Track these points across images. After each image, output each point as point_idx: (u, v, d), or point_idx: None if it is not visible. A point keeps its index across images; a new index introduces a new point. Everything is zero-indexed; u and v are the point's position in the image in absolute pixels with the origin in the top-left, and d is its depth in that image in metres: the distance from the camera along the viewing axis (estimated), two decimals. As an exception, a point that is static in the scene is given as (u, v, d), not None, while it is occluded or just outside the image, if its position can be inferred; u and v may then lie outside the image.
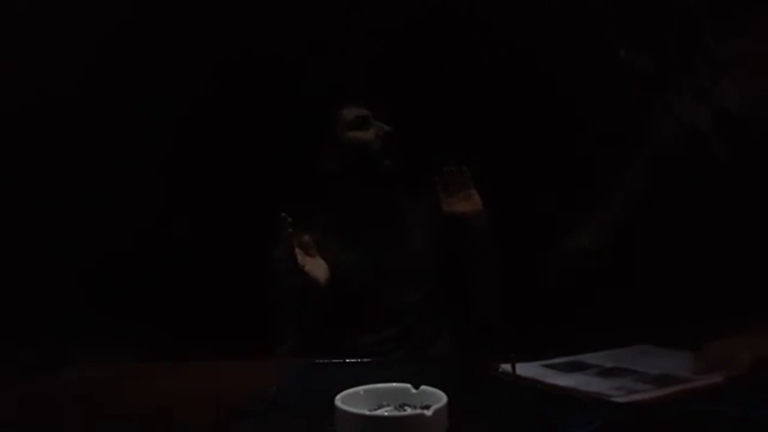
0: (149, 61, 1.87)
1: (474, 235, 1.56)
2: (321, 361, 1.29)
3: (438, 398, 0.76)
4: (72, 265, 1.81)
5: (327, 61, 1.88)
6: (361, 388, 0.81)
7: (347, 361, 1.29)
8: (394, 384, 0.82)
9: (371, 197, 1.60)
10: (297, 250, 1.39)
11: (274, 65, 1.90)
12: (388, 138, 1.56)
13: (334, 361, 1.29)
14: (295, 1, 1.90)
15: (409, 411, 0.78)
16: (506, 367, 1.09)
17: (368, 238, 1.60)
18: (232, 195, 1.94)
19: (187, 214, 1.93)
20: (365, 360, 1.30)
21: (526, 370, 1.12)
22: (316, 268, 1.45)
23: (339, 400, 0.77)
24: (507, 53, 1.91)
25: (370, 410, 0.78)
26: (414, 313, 1.59)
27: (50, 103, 1.79)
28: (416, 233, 1.64)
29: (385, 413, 0.78)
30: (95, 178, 1.87)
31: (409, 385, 0.81)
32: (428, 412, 0.73)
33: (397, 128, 1.58)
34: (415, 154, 1.62)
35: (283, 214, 1.36)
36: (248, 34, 1.90)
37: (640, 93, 1.54)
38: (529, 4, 1.88)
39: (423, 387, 0.80)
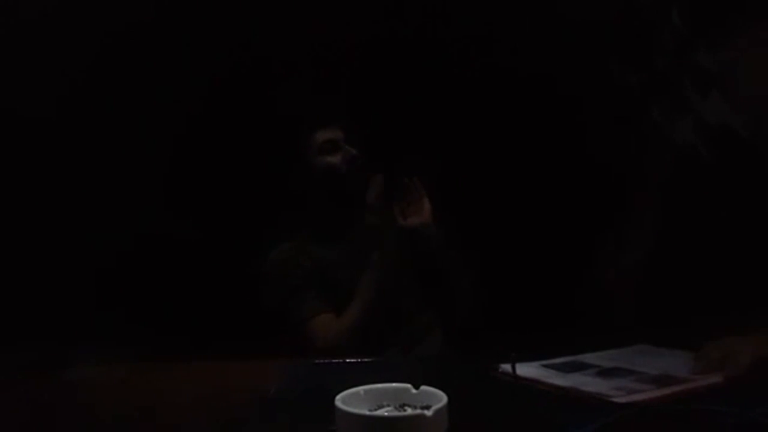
0: (146, 70, 1.89)
1: (431, 245, 1.60)
2: (321, 361, 1.29)
3: (438, 398, 0.76)
4: (73, 265, 1.81)
5: (300, 85, 1.92)
6: (361, 388, 0.81)
7: (347, 361, 1.29)
8: (394, 384, 0.82)
9: (342, 213, 1.66)
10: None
11: (253, 86, 1.94)
12: (355, 161, 1.62)
13: (334, 361, 1.29)
14: (268, 24, 1.93)
15: (409, 411, 0.78)
16: (506, 367, 1.09)
17: (344, 248, 1.65)
18: (234, 198, 1.95)
19: (187, 216, 1.94)
20: (365, 360, 1.30)
21: (526, 370, 1.12)
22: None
23: (339, 400, 0.76)
24: (485, 68, 1.94)
25: (370, 410, 0.78)
26: (403, 316, 1.62)
27: (51, 103, 1.79)
28: (390, 243, 1.66)
29: (386, 413, 0.78)
30: (96, 179, 1.88)
31: (409, 385, 0.81)
32: (428, 413, 0.73)
33: (367, 150, 1.64)
34: (387, 169, 1.65)
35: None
36: (224, 54, 1.94)
37: (627, 106, 1.56)
38: (513, 23, 1.91)
39: (423, 387, 0.80)
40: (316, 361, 1.30)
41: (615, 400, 0.99)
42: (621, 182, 1.80)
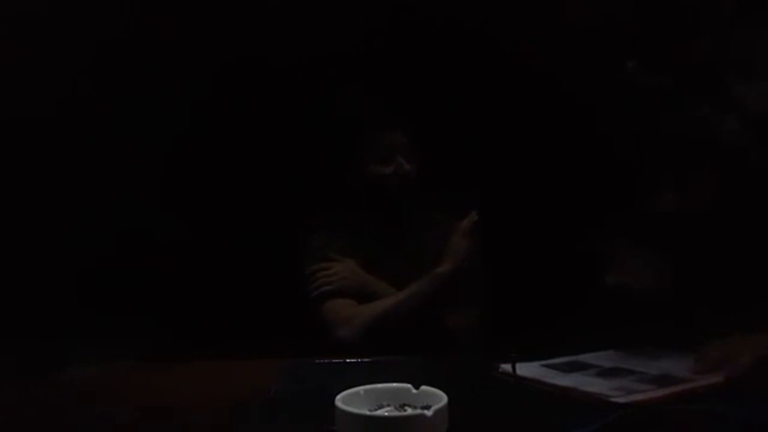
0: (176, 70, 1.87)
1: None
2: (321, 361, 1.29)
3: (438, 398, 0.76)
4: (73, 264, 1.81)
5: (358, 90, 1.90)
6: (361, 388, 0.81)
7: (347, 361, 1.29)
8: (394, 384, 0.82)
9: (378, 218, 1.66)
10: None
11: (308, 86, 1.92)
12: (408, 175, 1.60)
13: (334, 361, 1.29)
14: (326, 28, 1.91)
15: (409, 411, 0.78)
16: (506, 367, 1.09)
17: (381, 259, 1.65)
18: (235, 197, 1.95)
19: (188, 215, 1.93)
20: (365, 360, 1.30)
21: (526, 370, 1.12)
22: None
23: (339, 400, 0.77)
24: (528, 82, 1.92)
25: (370, 410, 0.78)
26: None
27: (53, 102, 1.79)
28: (428, 258, 1.66)
29: (386, 413, 0.78)
30: (96, 178, 1.87)
31: (409, 385, 0.81)
32: (429, 413, 0.73)
33: (420, 163, 1.63)
34: (438, 184, 1.67)
35: None
36: (281, 57, 1.91)
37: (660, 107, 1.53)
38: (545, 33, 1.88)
39: (423, 387, 0.80)
40: (316, 361, 1.30)
41: (615, 400, 0.99)
42: (627, 180, 1.79)
